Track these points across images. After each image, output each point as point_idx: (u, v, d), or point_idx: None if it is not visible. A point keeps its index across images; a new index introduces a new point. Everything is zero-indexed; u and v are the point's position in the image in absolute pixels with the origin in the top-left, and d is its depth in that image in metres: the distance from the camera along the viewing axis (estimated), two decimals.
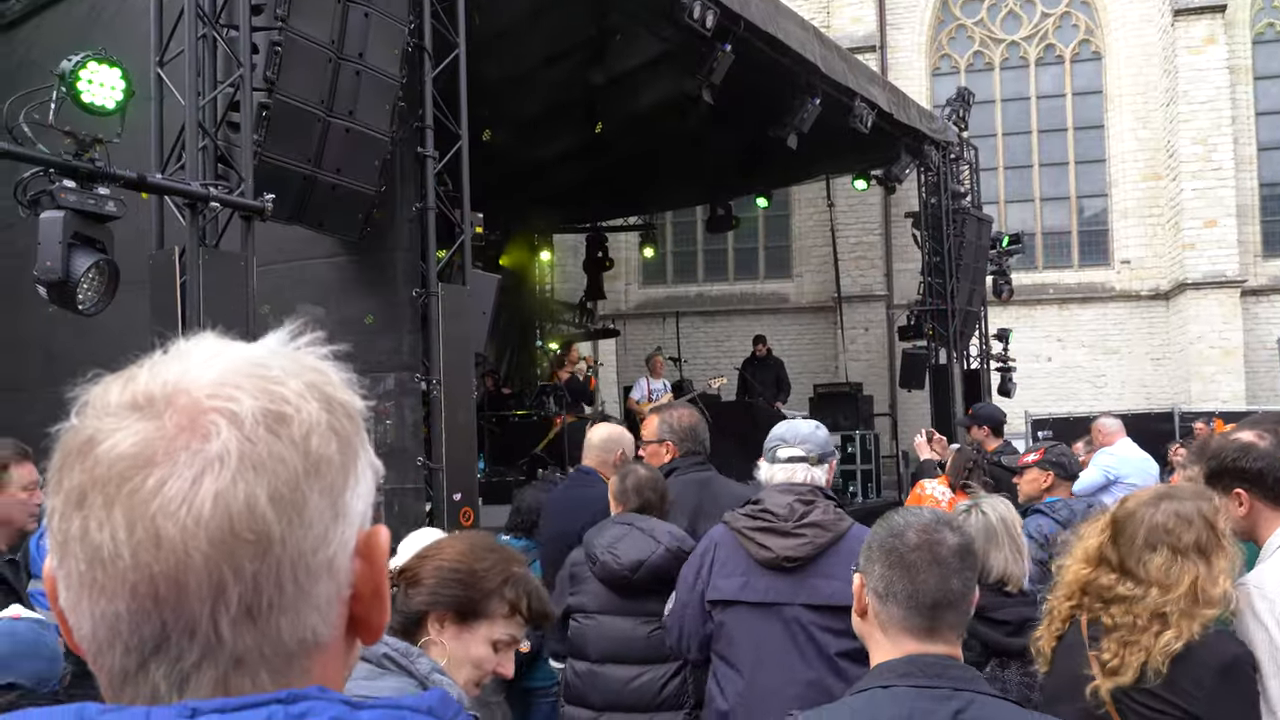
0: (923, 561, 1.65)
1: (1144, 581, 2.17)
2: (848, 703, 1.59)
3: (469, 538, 1.85)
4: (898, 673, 1.58)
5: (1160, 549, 2.17)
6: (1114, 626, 2.18)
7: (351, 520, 0.66)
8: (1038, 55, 17.30)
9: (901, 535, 1.68)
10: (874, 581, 1.66)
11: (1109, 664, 2.15)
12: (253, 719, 0.59)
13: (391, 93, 5.33)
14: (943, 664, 1.60)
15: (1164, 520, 2.19)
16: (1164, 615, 2.13)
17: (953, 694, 1.53)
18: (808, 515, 2.77)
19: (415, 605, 1.75)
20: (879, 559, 1.67)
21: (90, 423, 0.62)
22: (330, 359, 0.69)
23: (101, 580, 0.60)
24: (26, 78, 5.65)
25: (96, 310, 4.20)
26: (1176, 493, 2.32)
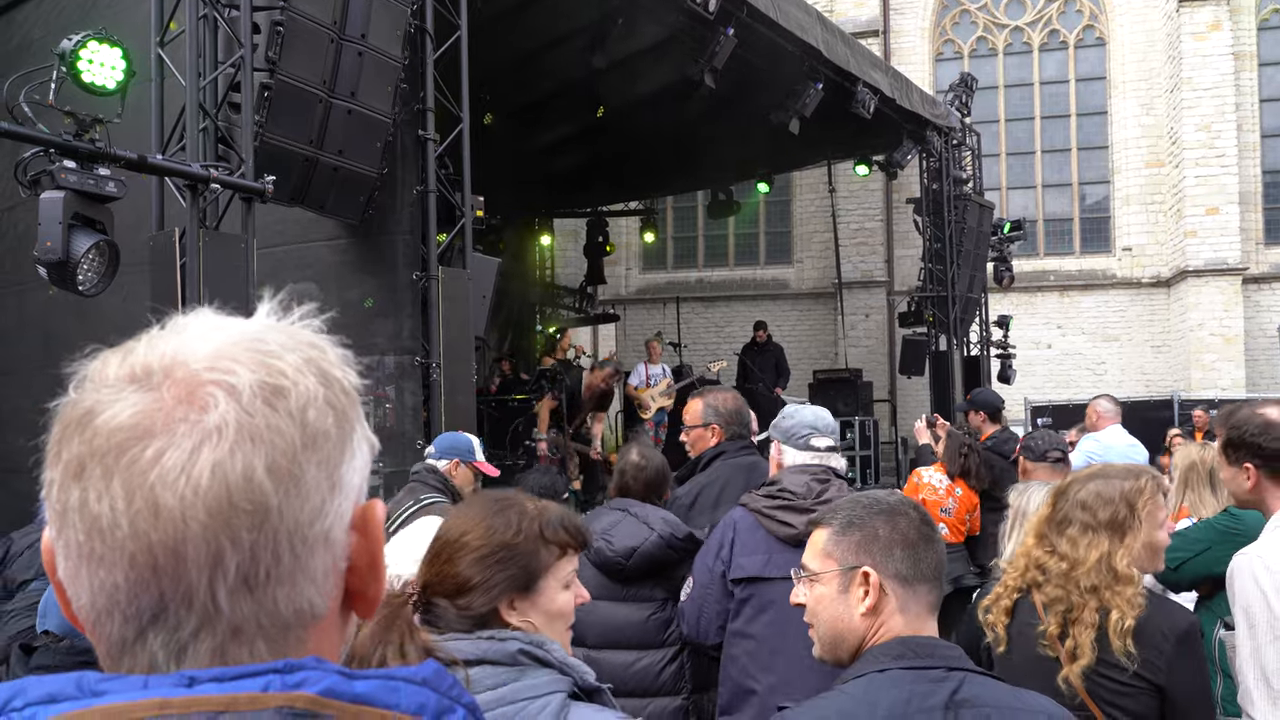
0: (932, 534, 1.69)
1: (1060, 555, 2.28)
2: (845, 690, 1.58)
3: (473, 514, 1.74)
4: (891, 655, 1.58)
5: (1074, 523, 2.28)
6: (1049, 601, 2.27)
7: (348, 493, 0.66)
8: (1041, 41, 17.22)
9: (904, 514, 1.69)
10: (896, 566, 1.64)
11: (1067, 647, 2.21)
12: (249, 688, 0.59)
13: (393, 74, 5.31)
14: (932, 644, 1.61)
15: (1085, 497, 2.29)
16: (1095, 589, 2.21)
17: (947, 674, 1.54)
18: (824, 493, 2.85)
19: (479, 608, 1.66)
20: (896, 543, 1.65)
21: (89, 395, 0.63)
22: (325, 333, 0.70)
23: (100, 550, 0.60)
24: (27, 57, 5.64)
25: (96, 291, 4.20)
26: (1107, 471, 2.41)
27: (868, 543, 1.66)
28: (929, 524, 1.70)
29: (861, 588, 1.65)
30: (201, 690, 0.59)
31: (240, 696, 0.58)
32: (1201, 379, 15.08)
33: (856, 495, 1.80)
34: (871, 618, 1.65)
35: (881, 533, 1.66)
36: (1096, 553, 2.23)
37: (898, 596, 1.64)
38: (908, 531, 1.66)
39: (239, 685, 0.59)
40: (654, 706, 3.21)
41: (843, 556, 1.68)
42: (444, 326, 5.68)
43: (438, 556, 1.69)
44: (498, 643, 1.59)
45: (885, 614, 1.64)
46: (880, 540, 1.66)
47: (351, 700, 0.60)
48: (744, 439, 3.85)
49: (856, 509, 1.71)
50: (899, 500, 1.73)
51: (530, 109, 10.43)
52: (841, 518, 1.71)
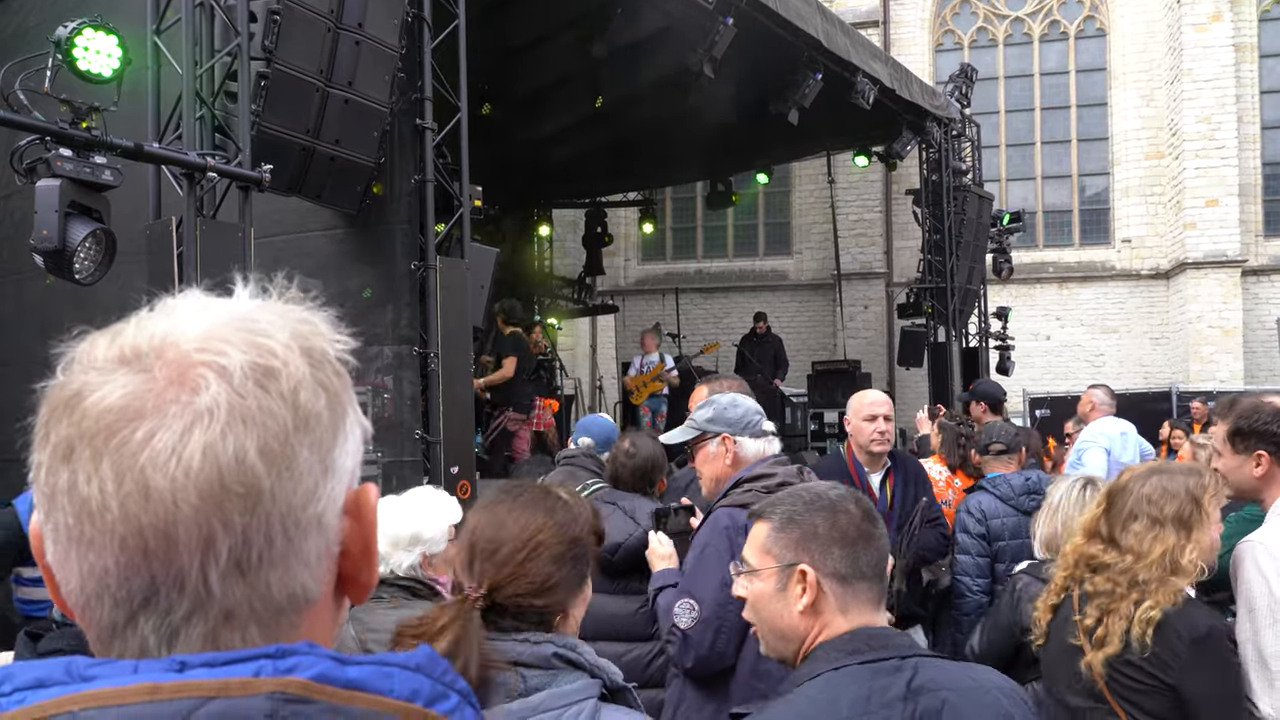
0: (872, 529, 1.65)
1: (1123, 550, 2.28)
2: (803, 692, 1.54)
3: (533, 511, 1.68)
4: (846, 650, 1.55)
5: (1141, 518, 2.28)
6: (1094, 593, 2.28)
7: (340, 477, 0.66)
8: (1042, 31, 17.18)
9: (844, 510, 1.65)
10: (834, 564, 1.60)
11: (1095, 634, 2.24)
12: (241, 673, 0.58)
13: (391, 63, 5.29)
14: (884, 634, 1.59)
15: (1150, 492, 2.30)
16: (1141, 583, 2.23)
17: (901, 663, 1.52)
18: (810, 477, 2.81)
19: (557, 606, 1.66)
20: (834, 541, 1.61)
21: (78, 377, 0.62)
22: (316, 313, 0.69)
23: (89, 533, 0.60)
24: (23, 45, 5.61)
25: (93, 280, 4.19)
26: (1168, 468, 2.43)
27: (806, 540, 1.63)
28: (871, 520, 1.66)
29: (799, 585, 1.61)
30: (192, 675, 0.58)
31: (232, 682, 0.58)
32: (1200, 371, 15.09)
33: (798, 489, 1.76)
34: (811, 616, 1.61)
35: (820, 530, 1.62)
36: (1161, 547, 2.23)
37: (836, 595, 1.60)
38: (847, 529, 1.62)
39: (230, 670, 0.58)
40: (643, 698, 3.20)
41: (780, 553, 1.64)
42: (442, 316, 5.67)
43: (511, 558, 1.64)
44: (532, 645, 1.58)
45: (826, 613, 1.61)
46: (819, 537, 1.62)
47: (344, 686, 0.60)
48: None
49: (797, 504, 1.67)
50: (840, 495, 1.69)
51: (529, 99, 10.40)
52: (781, 513, 1.67)
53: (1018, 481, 4.39)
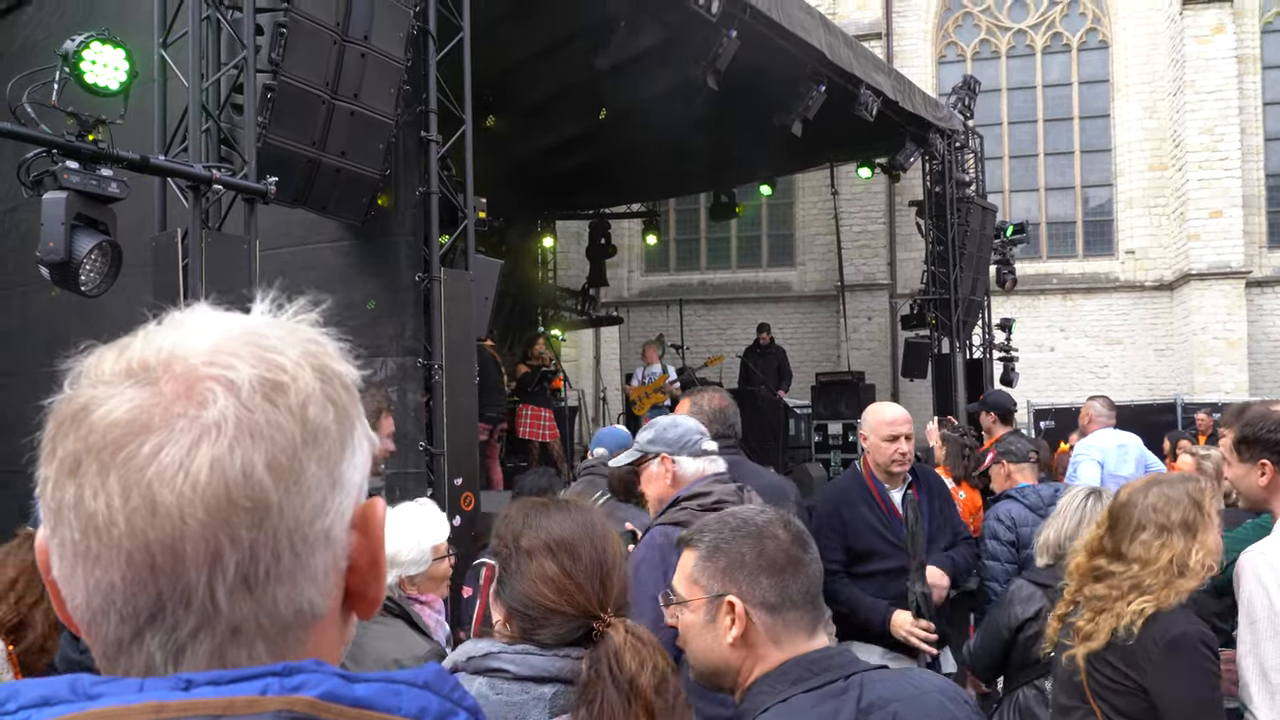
0: (802, 553, 1.59)
1: (1129, 560, 2.31)
2: None
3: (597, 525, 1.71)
4: (788, 680, 1.50)
5: (1149, 527, 2.31)
6: (1092, 597, 2.32)
7: (348, 491, 0.65)
8: (1044, 44, 17.22)
9: (773, 536, 1.59)
10: (762, 594, 1.54)
11: (1084, 630, 2.27)
12: (247, 691, 0.58)
13: (396, 76, 5.31)
14: (822, 657, 1.54)
15: (1154, 501, 2.34)
16: (1145, 586, 2.26)
17: (846, 683, 1.48)
18: (753, 499, 2.77)
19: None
20: (762, 570, 1.55)
21: (85, 391, 0.62)
22: (323, 330, 0.69)
23: (96, 549, 0.59)
24: (30, 59, 5.64)
25: (99, 292, 4.19)
26: (1165, 478, 2.47)
27: (733, 569, 1.56)
28: (801, 544, 1.60)
29: (728, 617, 1.55)
30: (198, 694, 0.57)
31: (237, 700, 0.57)
32: (1205, 382, 15.06)
33: (725, 514, 1.70)
34: (743, 649, 1.55)
35: (748, 558, 1.56)
36: (1169, 553, 2.27)
37: (766, 626, 1.54)
38: (775, 556, 1.56)
39: (236, 689, 0.58)
40: None
41: (708, 583, 1.58)
42: (446, 328, 5.68)
43: (611, 575, 1.66)
44: (572, 660, 1.59)
45: (758, 646, 1.55)
46: (746, 566, 1.56)
47: (352, 704, 0.59)
48: (728, 438, 3.75)
49: (724, 531, 1.61)
50: (769, 520, 1.63)
51: (533, 111, 10.42)
52: (708, 541, 1.61)
53: (1046, 492, 4.57)
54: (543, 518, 1.74)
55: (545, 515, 1.74)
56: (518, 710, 1.58)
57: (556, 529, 1.70)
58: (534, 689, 1.59)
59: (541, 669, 1.59)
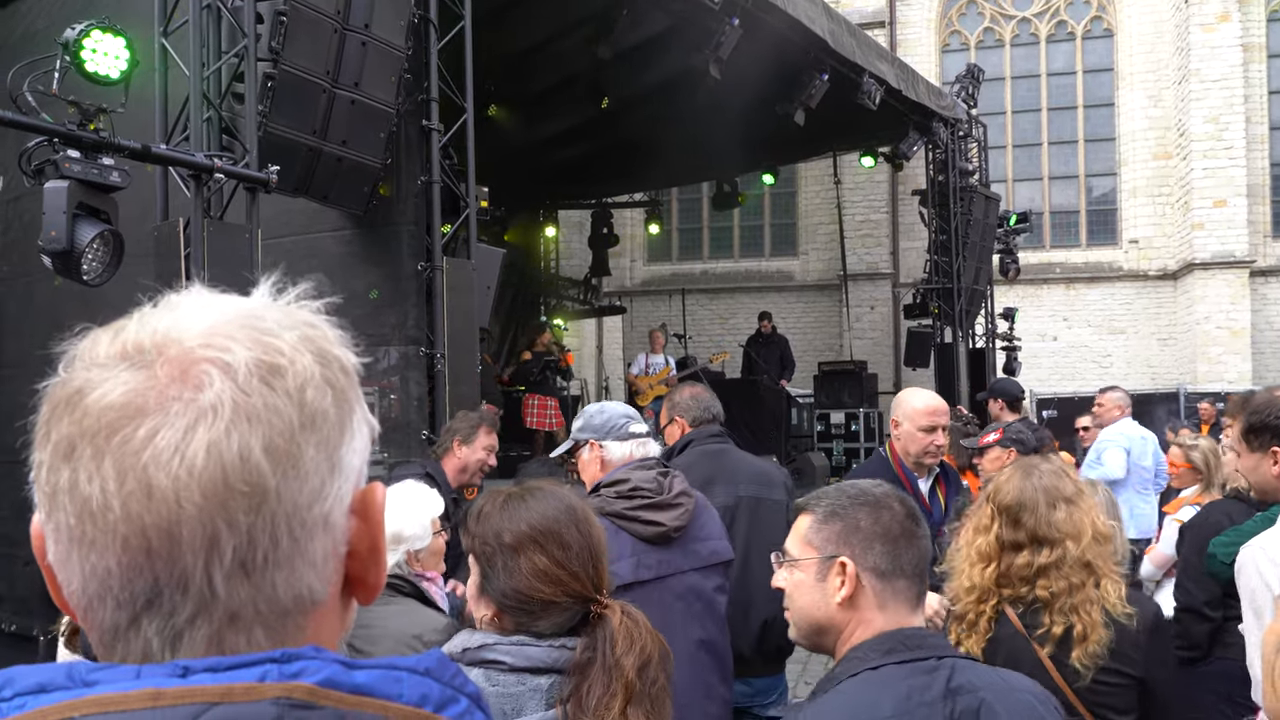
0: (915, 528, 1.65)
1: (1058, 541, 2.25)
2: (842, 690, 1.55)
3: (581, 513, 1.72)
4: (881, 650, 1.56)
5: (1059, 505, 2.28)
6: (1051, 597, 2.24)
7: (348, 476, 0.64)
8: (1049, 32, 17.15)
9: (889, 507, 1.66)
10: (875, 559, 1.61)
11: (1076, 631, 2.20)
12: (245, 678, 0.57)
13: (397, 64, 5.30)
14: (919, 635, 1.60)
15: (1047, 482, 2.31)
16: (1088, 564, 2.22)
17: (938, 663, 1.53)
18: (674, 484, 2.75)
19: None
20: (877, 537, 1.62)
21: (79, 374, 0.61)
22: (324, 317, 0.68)
23: (91, 534, 0.58)
24: (31, 48, 5.63)
25: (101, 281, 4.20)
26: (1029, 462, 2.45)
27: (848, 533, 1.64)
28: (914, 519, 1.66)
29: (839, 577, 1.62)
30: (196, 680, 0.57)
31: (236, 687, 0.56)
32: (1208, 372, 15.04)
33: (844, 484, 1.76)
34: (849, 610, 1.62)
35: (863, 524, 1.63)
36: (1088, 520, 2.25)
37: (875, 591, 1.61)
38: (890, 525, 1.63)
39: (234, 675, 0.57)
40: None
41: (822, 545, 1.66)
42: (448, 317, 5.68)
43: (600, 556, 1.67)
44: (567, 651, 1.60)
45: (863, 608, 1.61)
46: (861, 532, 1.63)
47: (351, 691, 0.58)
48: (712, 426, 3.73)
49: (841, 498, 1.68)
50: (885, 492, 1.69)
51: (535, 100, 10.41)
52: (825, 506, 1.69)
53: None
54: (520, 509, 1.71)
55: (523, 506, 1.72)
56: (514, 702, 1.56)
57: (538, 519, 1.69)
58: (530, 680, 1.58)
59: (538, 660, 1.59)
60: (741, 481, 3.58)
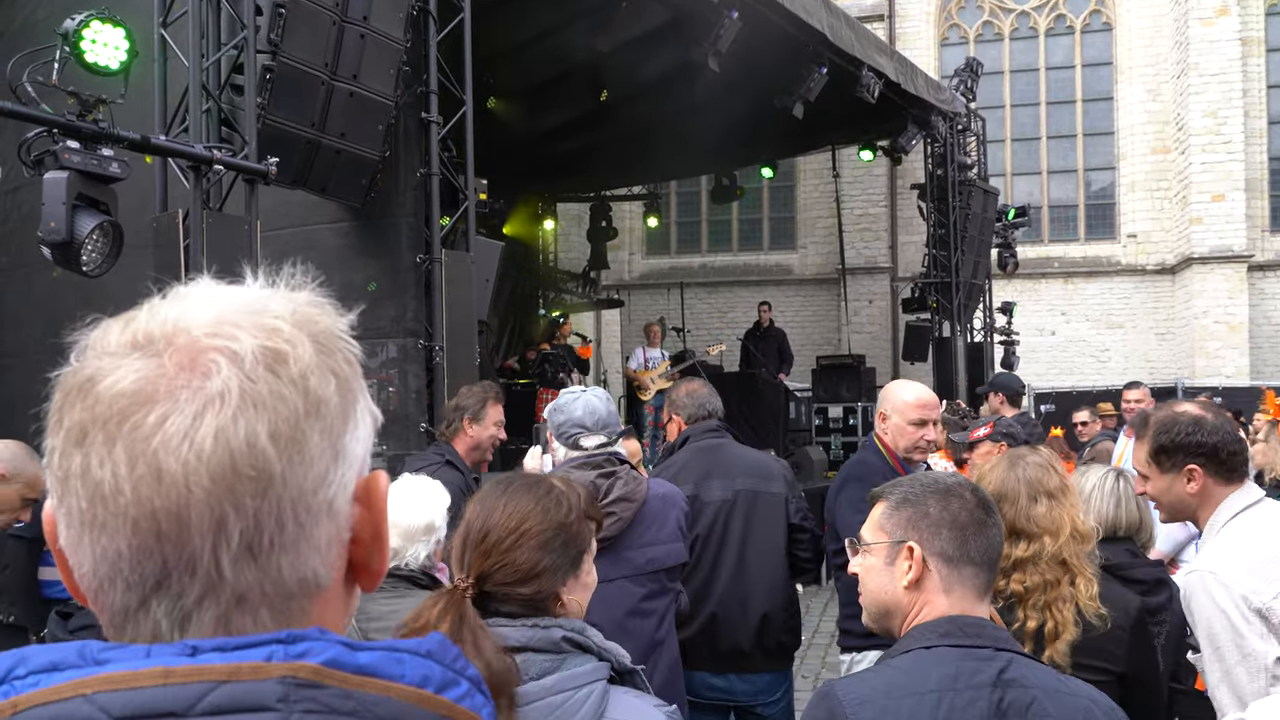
0: (986, 517, 1.69)
1: (1036, 535, 2.27)
2: (893, 664, 1.60)
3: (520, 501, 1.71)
4: (939, 632, 1.60)
5: (1040, 499, 2.29)
6: (1025, 592, 2.24)
7: (351, 463, 0.66)
8: (1048, 26, 17.13)
9: (960, 496, 1.70)
10: (941, 545, 1.66)
11: (1048, 628, 2.18)
12: (252, 657, 0.59)
13: (396, 57, 5.30)
14: (980, 624, 1.63)
15: (1031, 474, 2.32)
16: (1064, 562, 2.22)
17: (995, 654, 1.56)
18: (612, 489, 2.69)
19: (546, 592, 1.67)
20: (945, 524, 1.66)
21: (91, 363, 0.63)
22: (327, 304, 0.69)
23: (102, 517, 0.60)
24: (31, 38, 5.62)
25: (100, 272, 4.20)
26: (1017, 453, 2.45)
27: (917, 519, 1.69)
28: (986, 509, 1.70)
29: (906, 561, 1.67)
30: (204, 659, 0.58)
31: (243, 666, 0.58)
32: (1206, 366, 15.07)
33: (918, 474, 1.82)
34: (915, 592, 1.67)
35: (932, 511, 1.68)
36: (1068, 517, 2.26)
37: (941, 575, 1.65)
38: (959, 513, 1.67)
39: (242, 655, 0.59)
40: None
41: (892, 530, 1.71)
42: (447, 310, 5.69)
43: (496, 546, 1.66)
44: (541, 630, 1.60)
45: (929, 591, 1.66)
46: (930, 518, 1.68)
47: (355, 671, 0.60)
48: (708, 421, 3.70)
49: (914, 486, 1.74)
50: (957, 482, 1.74)
51: (533, 92, 10.39)
52: (898, 493, 1.74)
53: None
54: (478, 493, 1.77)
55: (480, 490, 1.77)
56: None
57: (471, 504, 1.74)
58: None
59: (510, 639, 1.61)
60: (738, 475, 3.54)
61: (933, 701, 1.49)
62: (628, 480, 2.73)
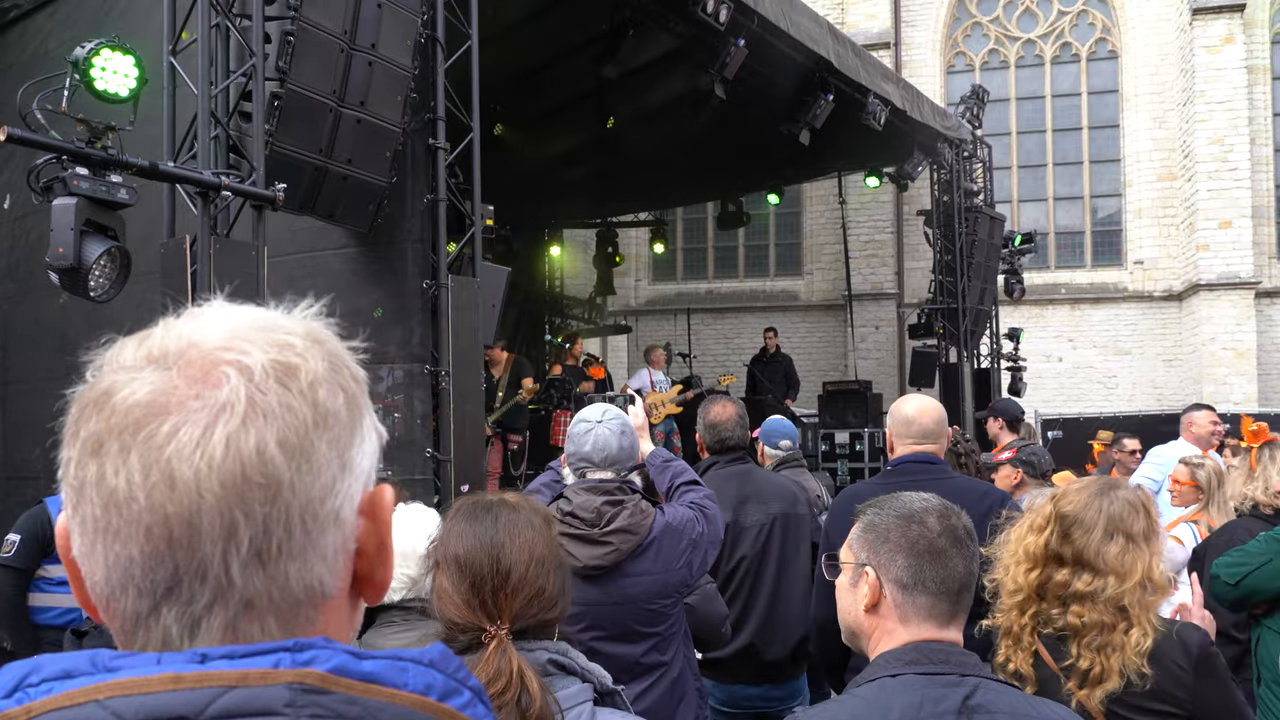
0: (950, 546, 1.65)
1: (1102, 572, 2.15)
2: (857, 694, 1.57)
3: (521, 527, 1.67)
4: (904, 660, 1.57)
5: (1117, 537, 2.17)
6: (1081, 628, 2.14)
7: (358, 476, 0.68)
8: (1053, 53, 17.21)
9: (922, 521, 1.66)
10: (897, 572, 1.63)
11: (1091, 672, 2.10)
12: (261, 664, 0.60)
13: (403, 84, 5.33)
14: (947, 650, 1.60)
15: (1119, 510, 2.19)
16: (1124, 608, 2.11)
17: (960, 680, 1.53)
18: (615, 519, 2.66)
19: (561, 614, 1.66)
20: (902, 549, 1.63)
21: (107, 377, 0.65)
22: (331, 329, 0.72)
23: (116, 524, 0.62)
24: (41, 67, 5.67)
25: (108, 297, 4.21)
26: (1114, 483, 2.32)
27: (877, 543, 1.67)
28: (951, 538, 1.65)
29: (865, 584, 1.66)
30: (213, 666, 0.60)
31: (251, 672, 0.60)
32: (1213, 393, 14.97)
33: (894, 495, 1.76)
34: (874, 617, 1.65)
35: (892, 536, 1.66)
36: (1141, 565, 2.14)
37: (896, 603, 1.63)
38: (917, 540, 1.63)
39: (250, 662, 0.61)
40: None
41: (857, 552, 1.70)
42: (453, 335, 5.68)
43: (524, 581, 1.62)
44: (528, 654, 1.59)
45: (887, 619, 1.64)
46: (889, 543, 1.66)
47: (360, 678, 0.62)
48: (732, 448, 3.84)
49: (883, 507, 1.72)
50: (925, 508, 1.69)
51: (540, 119, 10.46)
52: (869, 516, 1.73)
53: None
54: (454, 526, 1.71)
55: (457, 523, 1.71)
56: None
57: (453, 540, 1.68)
58: None
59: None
60: (771, 500, 3.73)
61: None
62: (634, 511, 2.69)
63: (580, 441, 2.81)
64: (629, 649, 2.68)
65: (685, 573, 2.79)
